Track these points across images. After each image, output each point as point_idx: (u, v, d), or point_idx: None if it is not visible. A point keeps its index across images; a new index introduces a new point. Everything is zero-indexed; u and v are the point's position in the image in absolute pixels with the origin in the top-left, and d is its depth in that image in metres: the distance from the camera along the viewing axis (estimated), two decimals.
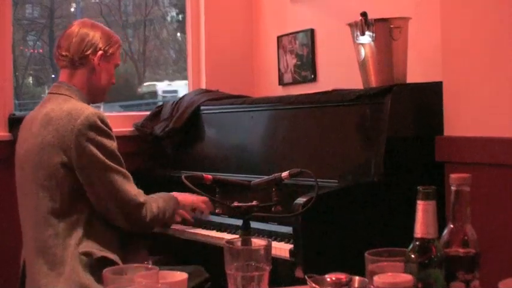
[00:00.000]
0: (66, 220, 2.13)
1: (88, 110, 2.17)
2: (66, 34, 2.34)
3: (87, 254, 2.12)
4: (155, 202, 2.29)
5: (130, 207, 2.19)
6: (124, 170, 2.21)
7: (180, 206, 2.47)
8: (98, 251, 2.14)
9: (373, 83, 2.50)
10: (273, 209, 2.04)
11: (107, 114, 2.71)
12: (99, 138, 2.15)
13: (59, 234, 2.12)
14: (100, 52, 2.32)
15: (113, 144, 2.20)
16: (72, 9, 4.10)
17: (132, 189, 2.21)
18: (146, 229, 2.31)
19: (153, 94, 4.18)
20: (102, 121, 2.18)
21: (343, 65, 2.97)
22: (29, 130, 2.24)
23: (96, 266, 2.09)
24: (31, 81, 4.11)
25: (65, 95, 2.26)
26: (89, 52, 2.31)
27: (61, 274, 2.08)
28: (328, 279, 1.19)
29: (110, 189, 2.16)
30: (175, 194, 2.45)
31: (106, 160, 2.16)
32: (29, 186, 2.19)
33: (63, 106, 2.19)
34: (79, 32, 2.33)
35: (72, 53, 2.30)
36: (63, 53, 2.31)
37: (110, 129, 2.22)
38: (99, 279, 2.05)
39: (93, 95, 2.37)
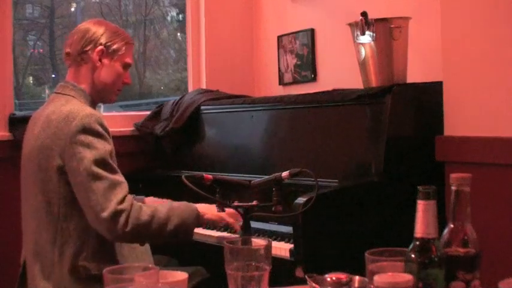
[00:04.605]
0: (63, 227, 2.06)
1: (84, 112, 2.07)
2: (71, 32, 2.28)
3: (83, 268, 2.05)
4: (151, 210, 2.06)
5: (104, 215, 1.97)
6: (112, 177, 2.01)
7: (205, 219, 2.20)
8: (95, 266, 2.05)
9: (373, 83, 2.50)
10: (273, 209, 2.04)
11: (106, 114, 2.72)
12: (90, 139, 2.03)
13: (56, 241, 2.06)
14: (100, 47, 2.21)
15: (106, 147, 2.04)
16: (72, 9, 4.10)
17: (114, 196, 1.99)
18: (130, 239, 2.07)
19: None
20: (98, 123, 2.07)
21: (343, 65, 2.97)
22: (31, 131, 2.19)
23: (92, 282, 2.03)
24: (31, 81, 4.11)
25: (68, 95, 2.19)
26: (88, 48, 2.21)
27: (56, 283, 2.04)
28: (328, 279, 1.19)
29: (88, 195, 2.00)
30: (199, 206, 2.18)
31: (92, 165, 2.00)
32: (30, 187, 2.16)
33: (63, 108, 2.11)
34: (81, 28, 2.25)
35: (73, 50, 2.23)
36: (66, 51, 2.25)
37: (107, 131, 2.10)
38: None
39: (99, 95, 2.27)
